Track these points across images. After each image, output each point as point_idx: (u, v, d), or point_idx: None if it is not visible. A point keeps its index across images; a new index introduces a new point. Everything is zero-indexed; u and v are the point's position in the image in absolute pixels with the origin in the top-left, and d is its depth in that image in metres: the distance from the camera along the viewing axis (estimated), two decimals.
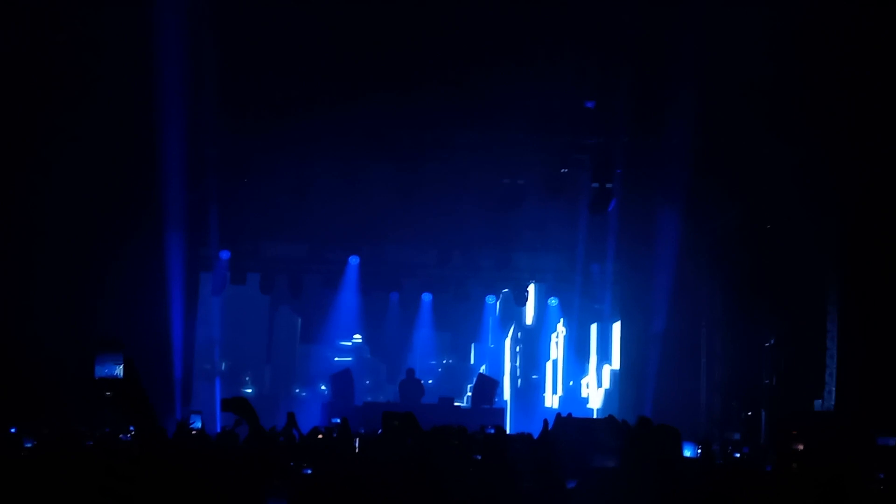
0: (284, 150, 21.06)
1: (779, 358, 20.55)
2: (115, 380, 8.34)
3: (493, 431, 16.00)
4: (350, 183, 21.47)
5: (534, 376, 24.39)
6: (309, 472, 12.13)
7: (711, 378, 22.04)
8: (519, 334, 24.77)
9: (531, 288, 24.84)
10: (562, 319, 24.50)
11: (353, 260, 24.07)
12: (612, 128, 20.95)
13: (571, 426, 11.68)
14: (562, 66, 19.28)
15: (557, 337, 24.25)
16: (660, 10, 18.10)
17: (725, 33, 17.86)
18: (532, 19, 18.38)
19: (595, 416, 15.68)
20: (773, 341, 20.87)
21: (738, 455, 17.12)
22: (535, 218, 22.54)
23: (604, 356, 23.62)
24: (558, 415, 14.24)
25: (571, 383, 24.21)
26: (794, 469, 13.36)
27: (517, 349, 24.60)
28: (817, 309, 19.60)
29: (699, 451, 13.30)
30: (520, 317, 25.17)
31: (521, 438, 12.77)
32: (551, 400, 24.39)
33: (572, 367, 24.25)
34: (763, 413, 20.43)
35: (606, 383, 22.68)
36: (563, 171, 21.89)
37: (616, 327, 23.54)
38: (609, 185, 22.06)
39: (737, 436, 20.16)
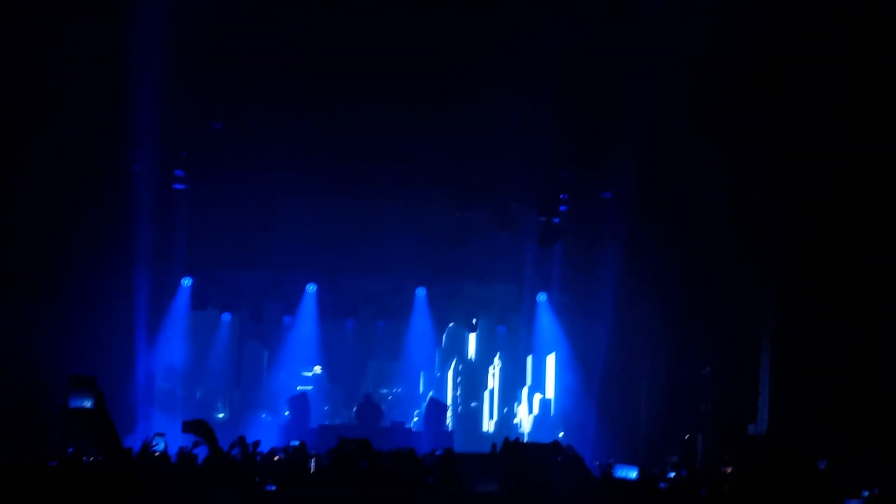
0: (247, 181, 21.88)
1: (715, 385, 21.53)
2: (86, 410, 9.17)
3: (440, 453, 16.83)
4: (310, 213, 22.40)
5: (472, 404, 25.28)
6: (273, 488, 12.86)
7: (651, 403, 22.93)
8: (460, 367, 25.87)
9: (472, 335, 26.09)
10: (498, 353, 25.54)
11: (311, 287, 24.90)
12: (558, 165, 22.00)
13: (520, 450, 12.43)
14: (509, 105, 20.26)
15: (494, 369, 25.70)
16: (603, 54, 19.08)
17: (663, 68, 18.86)
18: (485, 61, 19.31)
19: (526, 441, 16.53)
20: (708, 369, 21.85)
21: (672, 475, 17.91)
22: (484, 249, 23.49)
23: (536, 385, 24.96)
24: (506, 439, 15.03)
25: (506, 410, 25.35)
26: (726, 491, 14.19)
27: (458, 380, 25.60)
28: (751, 338, 20.64)
29: (638, 473, 14.12)
30: (462, 350, 26.26)
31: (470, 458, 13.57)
32: (488, 425, 25.37)
33: (507, 396, 25.35)
34: (700, 437, 21.37)
35: (536, 410, 24.28)
36: (511, 205, 22.90)
37: (550, 358, 24.74)
38: (555, 221, 23.17)
39: (674, 458, 21.00)
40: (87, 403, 8.68)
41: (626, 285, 22.58)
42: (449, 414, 24.72)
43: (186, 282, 23.93)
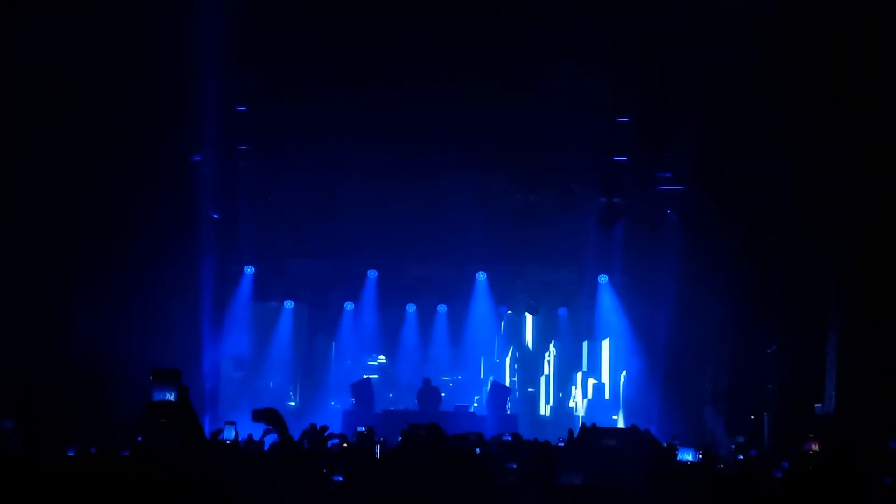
0: (308, 167, 21.98)
1: (781, 364, 21.37)
2: (169, 403, 9.26)
3: (509, 438, 16.81)
4: (369, 200, 22.48)
5: (529, 389, 25.25)
6: (340, 479, 12.88)
7: (716, 384, 22.81)
8: (517, 353, 25.91)
9: (528, 316, 26.05)
10: (553, 341, 25.74)
11: (372, 274, 24.98)
12: (620, 146, 21.88)
13: (597, 435, 12.34)
14: (572, 85, 20.14)
15: (549, 355, 25.85)
16: (665, 33, 18.92)
17: (725, 51, 18.68)
18: (543, 38, 19.21)
19: (581, 424, 16.51)
20: (774, 348, 21.69)
21: (741, 457, 17.84)
22: (546, 232, 23.44)
23: (591, 370, 25.20)
24: (583, 424, 14.97)
25: (561, 395, 25.41)
26: (810, 471, 13.85)
27: (515, 366, 25.67)
28: (818, 317, 20.46)
29: (700, 455, 14.02)
30: (520, 336, 26.30)
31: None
32: (544, 409, 25.57)
33: (562, 381, 25.52)
34: (766, 417, 21.24)
35: (590, 394, 24.54)
36: (573, 186, 22.81)
37: (605, 343, 24.76)
38: (617, 201, 23.04)
39: (741, 439, 20.90)
40: (171, 396, 8.78)
41: (688, 265, 22.44)
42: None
43: (249, 270, 24.08)
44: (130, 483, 9.73)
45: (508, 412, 23.29)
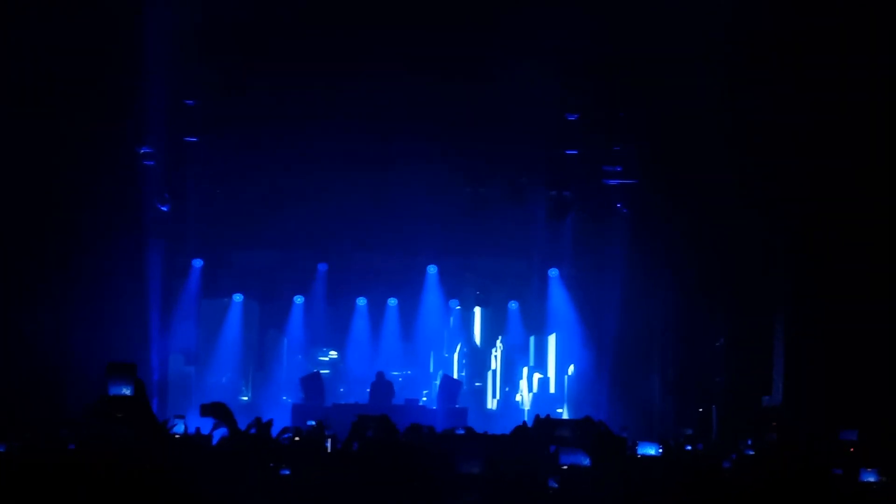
0: (257, 157, 21.85)
1: (729, 357, 21.56)
2: (125, 398, 9.18)
3: (462, 432, 16.81)
4: (319, 191, 22.40)
5: (477, 384, 25.33)
6: (287, 472, 12.80)
7: (664, 376, 22.96)
8: (465, 349, 26.00)
9: (477, 310, 26.17)
10: (500, 337, 25.96)
11: (322, 267, 24.86)
12: (571, 139, 21.96)
13: (550, 426, 12.40)
14: (522, 78, 20.20)
15: (496, 351, 26.05)
16: (614, 27, 19.02)
17: (674, 45, 18.82)
18: (494, 32, 19.25)
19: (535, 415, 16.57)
20: (722, 341, 21.88)
21: (689, 448, 17.94)
22: (496, 225, 23.50)
23: (537, 365, 25.50)
24: (537, 416, 15.00)
25: (507, 389, 25.83)
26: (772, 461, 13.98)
27: (464, 361, 25.74)
28: (765, 310, 20.66)
29: (661, 449, 14.10)
30: (468, 331, 26.41)
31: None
32: (491, 403, 25.82)
33: (508, 375, 25.81)
34: (714, 409, 21.41)
35: (535, 388, 24.94)
36: (523, 179, 22.86)
37: (552, 338, 25.19)
38: (566, 194, 23.15)
39: (689, 431, 21.06)
40: (127, 391, 8.70)
41: (637, 258, 22.58)
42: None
43: (197, 263, 23.87)
44: (78, 477, 9.62)
45: (458, 406, 23.28)
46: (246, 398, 24.62)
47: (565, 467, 9.90)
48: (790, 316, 19.97)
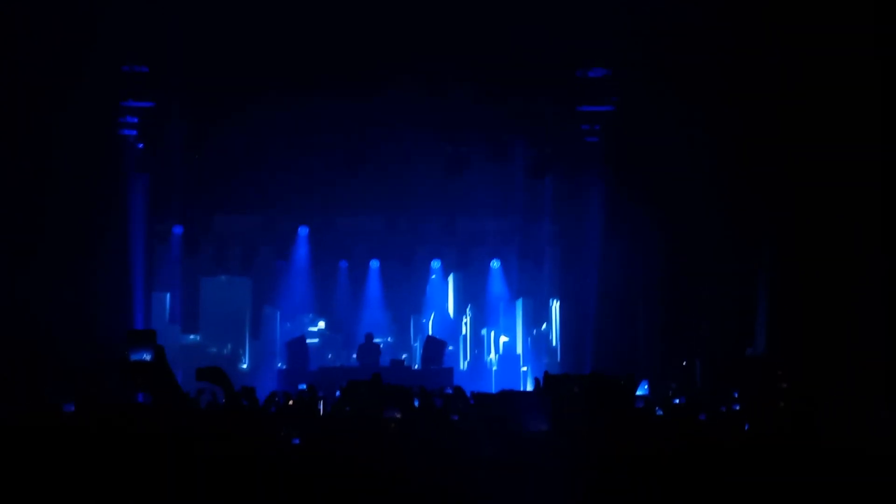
0: (235, 122, 21.70)
1: (712, 309, 21.67)
2: (146, 363, 9.19)
3: (450, 391, 16.89)
4: (299, 151, 22.28)
5: (450, 347, 25.41)
6: (297, 441, 12.80)
7: (648, 331, 23.05)
8: (438, 317, 26.20)
9: (451, 278, 26.26)
10: (469, 305, 26.26)
11: (303, 231, 24.80)
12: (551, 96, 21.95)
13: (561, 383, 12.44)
14: (503, 35, 20.10)
15: (466, 318, 26.48)
16: None
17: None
18: None
19: (545, 372, 16.62)
20: (705, 294, 21.97)
21: (677, 401, 18.07)
22: (476, 183, 23.53)
23: (506, 328, 26.03)
24: (546, 373, 15.05)
25: (476, 351, 26.26)
26: (781, 407, 14.08)
27: (438, 326, 26.02)
28: (748, 261, 20.78)
29: (647, 386, 14.18)
30: (443, 297, 26.47)
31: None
32: (462, 364, 26.24)
33: (478, 339, 26.20)
34: (697, 362, 21.54)
35: (501, 350, 25.73)
36: (503, 138, 22.85)
37: (519, 303, 25.73)
38: (547, 151, 23.18)
39: (673, 385, 21.18)
40: (147, 356, 8.74)
41: (618, 211, 22.62)
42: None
43: (178, 230, 23.76)
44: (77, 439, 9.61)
45: (444, 365, 23.40)
46: (245, 366, 24.64)
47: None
48: (773, 266, 20.10)
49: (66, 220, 19.23)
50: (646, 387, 14.09)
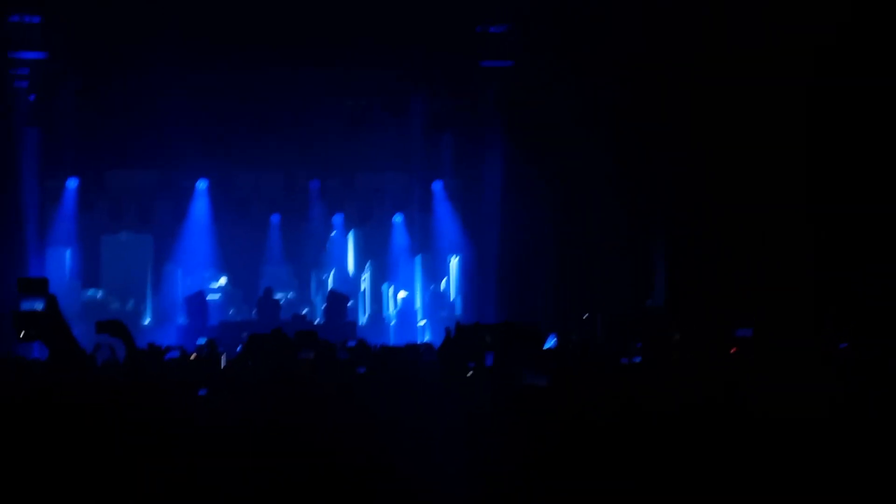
0: (131, 74, 21.25)
1: (611, 262, 21.92)
2: (38, 314, 8.86)
3: (354, 344, 16.81)
4: (196, 104, 21.90)
5: (350, 303, 25.30)
6: (203, 392, 12.61)
7: (548, 286, 23.23)
8: (337, 274, 26.10)
9: (350, 235, 26.20)
10: (369, 261, 26.23)
11: (202, 184, 24.42)
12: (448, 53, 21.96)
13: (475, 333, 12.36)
14: None
15: (365, 274, 26.35)
16: None
17: None
18: None
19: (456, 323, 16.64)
20: (604, 246, 22.20)
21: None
22: (377, 138, 23.47)
23: (404, 283, 26.04)
24: (457, 323, 15.01)
25: (375, 307, 26.27)
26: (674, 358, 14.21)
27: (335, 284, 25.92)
28: (646, 212, 21.08)
29: (556, 340, 14.25)
30: (342, 254, 26.40)
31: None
32: (363, 319, 26.10)
33: (376, 295, 26.19)
34: (598, 315, 21.78)
35: (399, 305, 25.73)
36: (402, 91, 22.80)
37: (417, 259, 25.82)
38: (445, 106, 23.23)
39: (574, 337, 21.39)
40: (39, 306, 8.40)
41: (516, 169, 22.75)
42: None
43: (72, 184, 23.21)
44: None
45: (347, 320, 23.35)
46: (148, 321, 24.24)
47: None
48: (671, 216, 20.42)
49: None
50: (554, 340, 14.13)
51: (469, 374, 10.54)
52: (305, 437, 9.28)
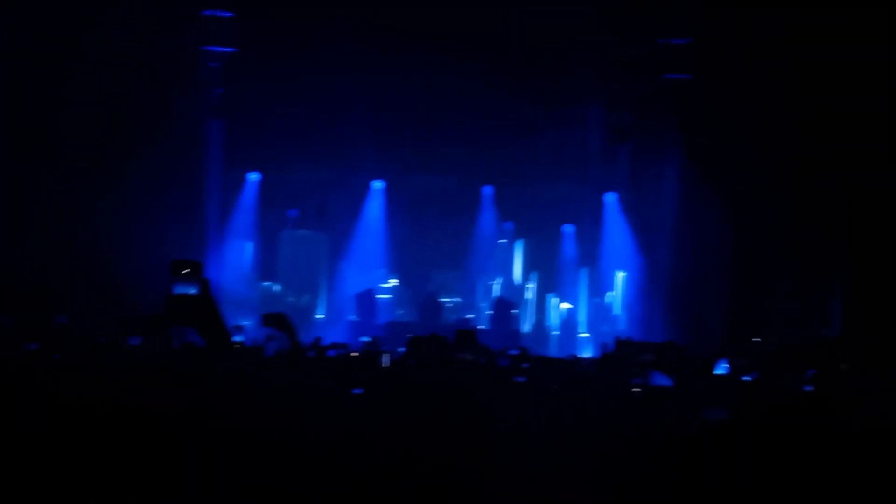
0: (316, 67, 21.66)
1: (789, 289, 21.30)
2: (190, 297, 9.02)
3: (517, 353, 16.76)
4: (377, 104, 22.18)
5: (514, 311, 25.15)
6: (360, 392, 12.72)
7: (721, 307, 22.72)
8: (504, 282, 25.99)
9: (518, 246, 26.16)
10: (535, 272, 26.23)
11: (378, 184, 24.66)
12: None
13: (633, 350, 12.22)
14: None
15: (531, 284, 26.32)
16: None
17: None
18: None
19: (615, 338, 16.40)
20: (781, 272, 21.61)
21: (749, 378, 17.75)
22: (553, 147, 23.39)
23: (568, 296, 25.88)
24: (616, 338, 14.87)
25: (539, 317, 26.10)
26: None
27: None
28: (828, 241, 20.41)
29: (728, 367, 13.93)
30: (508, 263, 26.33)
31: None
32: (526, 328, 25.89)
33: (541, 305, 26.04)
34: (771, 341, 21.16)
35: (562, 317, 25.69)
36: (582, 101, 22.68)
37: (584, 272, 25.65)
38: (627, 119, 23.01)
39: (744, 361, 20.85)
40: (192, 290, 8.50)
41: (693, 187, 22.35)
42: None
43: (254, 177, 23.76)
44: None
45: (512, 328, 23.35)
46: (322, 316, 24.66)
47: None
48: (853, 244, 19.76)
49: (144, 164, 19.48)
50: (725, 365, 13.75)
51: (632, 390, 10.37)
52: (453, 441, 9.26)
